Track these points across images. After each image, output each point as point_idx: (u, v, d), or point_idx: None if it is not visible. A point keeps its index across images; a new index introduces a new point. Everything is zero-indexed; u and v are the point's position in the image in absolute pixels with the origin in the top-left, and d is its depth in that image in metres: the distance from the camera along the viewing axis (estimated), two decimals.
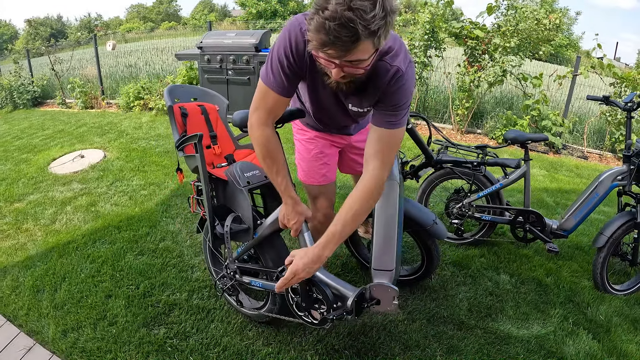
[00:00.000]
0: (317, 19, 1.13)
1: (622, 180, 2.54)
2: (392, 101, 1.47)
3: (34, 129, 6.60)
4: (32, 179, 4.37)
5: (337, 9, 1.09)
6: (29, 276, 2.68)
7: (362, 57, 1.21)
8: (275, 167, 1.66)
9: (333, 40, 1.13)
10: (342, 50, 1.17)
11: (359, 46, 1.16)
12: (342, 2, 1.09)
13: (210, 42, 6.13)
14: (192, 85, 2.52)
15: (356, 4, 1.08)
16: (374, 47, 1.20)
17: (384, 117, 1.49)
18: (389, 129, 1.50)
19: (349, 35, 1.12)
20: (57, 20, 55.07)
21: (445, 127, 6.72)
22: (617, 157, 5.97)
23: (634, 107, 2.53)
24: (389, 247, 1.81)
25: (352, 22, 1.09)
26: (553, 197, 4.16)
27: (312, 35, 1.17)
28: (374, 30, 1.13)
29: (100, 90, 8.46)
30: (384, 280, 1.78)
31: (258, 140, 1.61)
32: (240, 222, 1.98)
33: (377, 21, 1.11)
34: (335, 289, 1.77)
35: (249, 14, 35.96)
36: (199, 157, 1.88)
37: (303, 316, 1.85)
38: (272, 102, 1.56)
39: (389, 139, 1.52)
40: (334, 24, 1.10)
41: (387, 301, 1.76)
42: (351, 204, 1.53)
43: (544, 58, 7.79)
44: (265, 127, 1.60)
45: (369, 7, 1.09)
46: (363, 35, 1.12)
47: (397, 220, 1.83)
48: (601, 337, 2.26)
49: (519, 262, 2.89)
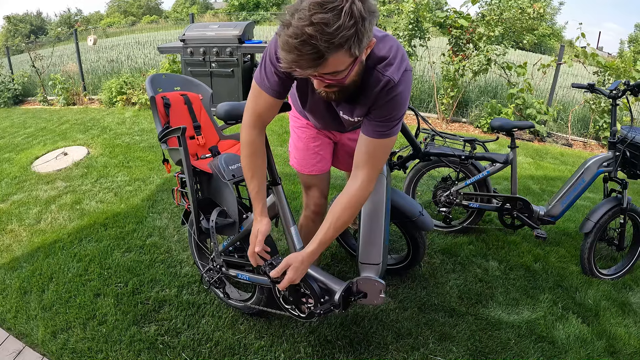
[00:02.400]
0: (283, 37, 1.08)
1: (607, 166, 2.57)
2: (384, 112, 1.41)
3: (15, 128, 6.47)
4: (15, 179, 4.28)
5: (298, 25, 1.04)
6: (16, 278, 2.63)
7: (337, 69, 1.15)
8: (251, 170, 1.62)
9: (297, 58, 1.09)
10: (309, 67, 1.11)
11: (327, 61, 1.10)
12: (303, 16, 1.03)
13: (192, 35, 6.06)
14: (174, 74, 2.47)
15: (317, 18, 1.02)
16: (350, 57, 1.13)
17: (374, 127, 1.44)
18: (378, 139, 1.45)
19: (311, 53, 1.06)
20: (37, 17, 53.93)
21: (430, 116, 6.75)
22: (601, 144, 6.05)
23: (618, 94, 2.56)
24: (375, 240, 1.82)
25: (313, 39, 1.04)
26: (539, 184, 4.21)
27: (281, 53, 1.12)
28: (340, 43, 1.06)
29: (82, 86, 8.32)
30: (370, 274, 1.79)
31: (243, 140, 1.60)
32: (225, 216, 1.95)
33: (342, 32, 1.04)
34: (323, 283, 1.77)
35: (232, 6, 35.65)
36: (183, 151, 1.85)
37: (290, 309, 1.85)
38: (262, 104, 1.52)
39: (379, 148, 1.48)
40: (296, 42, 1.05)
41: (374, 294, 1.77)
42: (340, 213, 1.53)
43: (528, 47, 7.86)
44: (252, 129, 1.58)
45: (332, 19, 1.02)
46: (327, 51, 1.06)
47: (383, 214, 1.83)
48: (590, 320, 2.30)
49: (507, 248, 2.92)
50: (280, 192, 1.85)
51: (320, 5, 1.02)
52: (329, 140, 2.11)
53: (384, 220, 1.83)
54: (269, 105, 1.52)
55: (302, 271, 1.60)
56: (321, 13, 1.02)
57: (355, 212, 1.57)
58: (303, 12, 1.03)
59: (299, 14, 1.04)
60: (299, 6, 1.05)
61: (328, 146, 2.11)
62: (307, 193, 2.19)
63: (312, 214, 2.16)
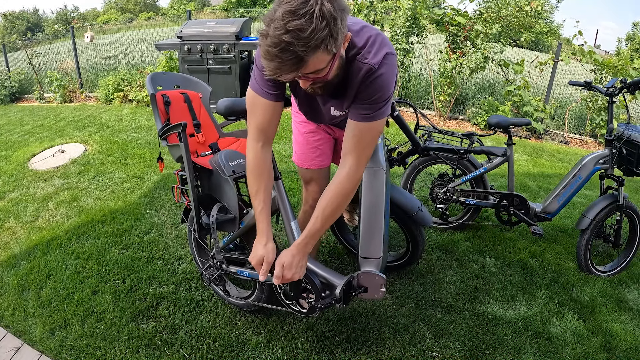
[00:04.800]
0: (263, 47, 1.14)
1: (604, 163, 2.58)
2: (366, 95, 1.43)
3: (12, 125, 6.44)
4: (12, 176, 4.27)
5: (275, 34, 1.09)
6: (13, 275, 2.63)
7: (318, 68, 1.20)
8: (256, 186, 1.60)
9: (279, 65, 1.14)
10: (292, 71, 1.17)
11: (307, 63, 1.15)
12: (279, 25, 1.09)
13: (190, 32, 6.05)
14: (174, 73, 2.47)
15: (291, 26, 1.07)
16: (328, 54, 1.18)
17: (358, 110, 1.46)
18: (364, 122, 1.46)
19: (291, 58, 1.12)
20: (34, 14, 53.74)
21: (427, 113, 6.76)
22: (597, 142, 6.08)
23: (615, 92, 2.57)
24: (375, 235, 1.82)
25: (291, 46, 1.09)
26: (536, 181, 4.22)
27: (263, 62, 1.18)
28: (317, 45, 1.11)
29: (78, 83, 8.30)
30: (371, 268, 1.80)
31: (248, 156, 1.59)
32: (226, 212, 1.94)
33: (317, 35, 1.09)
34: (323, 278, 1.78)
35: (229, 3, 35.48)
36: (183, 146, 1.85)
37: (291, 305, 1.85)
38: (262, 111, 1.53)
39: (365, 133, 1.48)
40: (276, 50, 1.11)
41: (374, 288, 1.77)
42: (328, 202, 1.53)
43: (525, 45, 7.85)
44: (257, 142, 1.57)
45: (305, 24, 1.08)
46: (305, 55, 1.12)
47: (383, 209, 1.84)
48: (586, 317, 2.31)
49: (503, 245, 2.93)
50: (281, 187, 1.86)
51: (293, 13, 1.08)
52: (329, 136, 2.12)
53: (384, 214, 1.83)
54: (269, 110, 1.52)
55: (297, 265, 1.59)
56: (295, 20, 1.07)
57: (344, 201, 1.56)
58: (278, 22, 1.09)
59: (274, 24, 1.10)
60: (273, 16, 1.10)
61: (328, 142, 2.12)
62: (306, 188, 2.20)
63: (310, 209, 2.17)
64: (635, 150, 2.46)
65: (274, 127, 1.60)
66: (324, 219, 1.55)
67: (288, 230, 1.83)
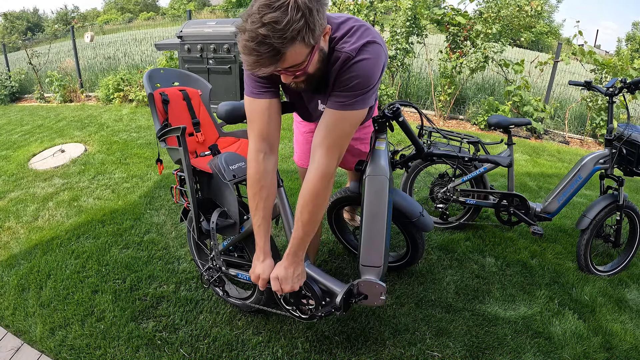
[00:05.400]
0: (241, 42, 1.14)
1: (604, 163, 2.58)
2: (343, 82, 1.38)
3: (12, 125, 6.44)
4: (13, 176, 4.28)
5: (252, 28, 1.10)
6: (13, 275, 2.63)
7: (297, 62, 1.21)
8: (256, 201, 1.56)
9: (257, 59, 1.15)
10: (271, 64, 1.17)
11: (284, 55, 1.16)
12: (255, 19, 1.10)
13: (190, 31, 6.04)
14: (172, 69, 2.42)
15: (267, 18, 1.08)
16: (307, 47, 1.19)
17: (335, 98, 1.41)
18: (339, 111, 1.40)
19: (268, 51, 1.13)
20: (34, 14, 53.85)
21: (427, 113, 6.75)
22: (597, 142, 6.07)
23: (615, 92, 2.56)
24: (377, 243, 1.81)
25: (267, 39, 1.10)
26: (536, 181, 4.22)
27: (242, 57, 1.18)
28: (293, 37, 1.12)
29: (79, 83, 8.30)
30: (371, 276, 1.80)
31: (249, 168, 1.56)
32: (226, 217, 1.91)
33: (293, 26, 1.10)
34: (324, 285, 1.77)
35: (229, 3, 35.47)
36: (183, 151, 1.82)
37: (291, 310, 1.85)
38: (258, 113, 1.51)
39: (339, 122, 1.42)
40: (253, 44, 1.12)
41: (374, 296, 1.78)
42: (302, 206, 1.49)
43: (525, 45, 7.86)
44: (258, 153, 1.53)
45: (281, 16, 1.08)
46: (282, 47, 1.13)
47: (385, 217, 1.82)
48: (586, 317, 2.31)
49: (503, 245, 2.93)
50: (283, 194, 1.84)
51: (268, 6, 1.09)
52: None
53: (385, 223, 1.82)
54: (266, 110, 1.50)
55: (293, 276, 1.58)
56: (270, 12, 1.09)
57: (319, 202, 1.49)
58: (254, 16, 1.10)
59: (251, 18, 1.11)
60: (250, 11, 1.12)
61: None
62: None
63: None
64: (635, 150, 2.46)
65: (276, 130, 1.55)
66: (304, 224, 1.51)
67: (289, 237, 1.82)
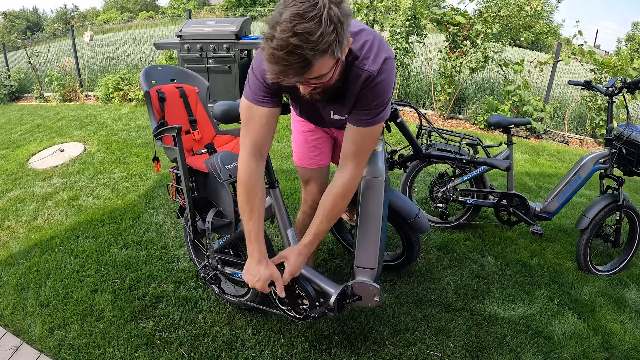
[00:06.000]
0: (267, 49, 1.11)
1: (604, 163, 2.58)
2: (366, 101, 1.44)
3: (11, 124, 6.43)
4: (12, 175, 4.27)
5: (282, 37, 1.07)
6: (13, 274, 2.63)
7: (322, 73, 1.19)
8: (249, 206, 1.56)
9: (284, 69, 1.12)
10: (297, 75, 1.15)
11: (313, 67, 1.14)
12: (286, 28, 1.06)
13: (189, 31, 6.03)
14: (169, 65, 2.39)
15: (300, 28, 1.06)
16: (333, 59, 1.17)
17: (358, 116, 1.48)
18: (364, 127, 1.48)
19: (298, 62, 1.10)
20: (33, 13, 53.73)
21: (427, 113, 6.75)
22: (597, 141, 6.07)
23: (615, 92, 2.57)
24: (372, 245, 1.82)
25: (298, 49, 1.08)
26: (535, 181, 4.22)
27: (267, 66, 1.16)
28: (324, 49, 1.11)
29: (78, 82, 8.29)
30: (365, 278, 1.81)
31: (240, 174, 1.56)
32: (221, 216, 1.91)
33: (325, 38, 1.08)
34: (318, 286, 1.78)
35: (228, 2, 35.44)
36: (178, 150, 1.82)
37: (286, 310, 1.85)
38: (257, 122, 1.50)
39: (366, 137, 1.51)
40: (282, 53, 1.09)
41: (368, 298, 1.79)
42: (333, 204, 1.59)
43: (525, 45, 7.86)
44: (250, 159, 1.54)
45: (314, 27, 1.06)
46: (313, 58, 1.11)
47: (381, 219, 1.82)
48: (586, 316, 2.31)
49: (503, 244, 2.93)
50: (278, 195, 1.84)
51: (301, 16, 1.06)
52: (328, 135, 2.11)
53: (381, 225, 1.82)
54: (266, 119, 1.50)
55: (301, 263, 1.63)
56: (303, 23, 1.06)
57: (347, 201, 1.61)
58: (285, 24, 1.07)
59: (280, 26, 1.07)
60: (279, 19, 1.08)
61: (327, 141, 2.11)
62: (305, 188, 2.19)
63: (309, 209, 2.17)
64: (635, 150, 2.46)
65: (270, 139, 1.58)
66: (329, 220, 1.61)
67: (284, 238, 1.82)
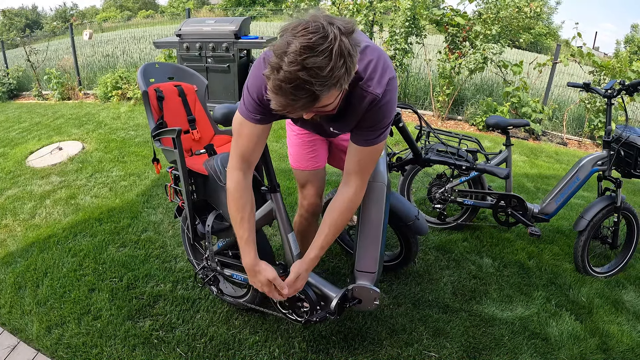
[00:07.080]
0: (273, 80, 1.05)
1: (602, 165, 2.59)
2: (371, 122, 1.42)
3: (10, 122, 6.42)
4: (10, 174, 4.26)
5: (291, 70, 1.00)
6: (10, 273, 2.62)
7: (327, 103, 1.14)
8: (240, 213, 1.56)
9: (291, 102, 1.07)
10: (303, 109, 1.11)
11: (320, 100, 1.09)
12: (294, 60, 1.00)
13: (189, 30, 6.03)
14: (167, 63, 2.36)
15: (309, 62, 0.99)
16: (339, 90, 1.12)
17: (363, 136, 1.46)
18: (368, 147, 1.47)
19: (306, 96, 1.05)
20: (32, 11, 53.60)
21: (426, 114, 6.76)
22: (595, 143, 6.08)
23: (614, 94, 2.57)
24: (372, 250, 1.83)
25: (307, 84, 1.02)
26: (533, 182, 4.22)
27: (272, 97, 1.09)
28: (333, 84, 1.05)
29: (77, 80, 8.27)
30: (366, 282, 1.82)
31: (228, 184, 1.56)
32: (221, 220, 1.90)
33: (335, 73, 1.03)
34: (318, 290, 1.78)
35: (228, 1, 35.37)
36: (178, 154, 1.80)
37: (287, 314, 1.86)
38: (247, 137, 1.48)
39: (369, 155, 1.51)
40: (290, 87, 1.03)
41: (368, 301, 1.81)
42: (337, 218, 1.58)
43: (524, 46, 7.87)
44: (237, 171, 1.54)
45: (324, 62, 1.00)
46: (321, 93, 1.05)
47: (382, 224, 1.83)
48: (583, 318, 2.32)
49: (501, 245, 2.93)
50: (279, 200, 1.82)
51: (311, 49, 1.00)
52: (323, 138, 2.11)
53: (382, 230, 1.82)
54: (256, 135, 1.48)
55: (306, 278, 1.65)
56: (313, 57, 1.00)
57: (351, 214, 1.62)
58: (294, 56, 1.00)
59: (288, 58, 1.01)
60: (287, 49, 1.01)
61: (323, 143, 2.11)
62: (302, 191, 2.16)
63: (306, 213, 2.15)
64: (633, 152, 2.46)
65: (259, 153, 1.57)
66: (334, 234, 1.61)
67: (285, 243, 1.81)
